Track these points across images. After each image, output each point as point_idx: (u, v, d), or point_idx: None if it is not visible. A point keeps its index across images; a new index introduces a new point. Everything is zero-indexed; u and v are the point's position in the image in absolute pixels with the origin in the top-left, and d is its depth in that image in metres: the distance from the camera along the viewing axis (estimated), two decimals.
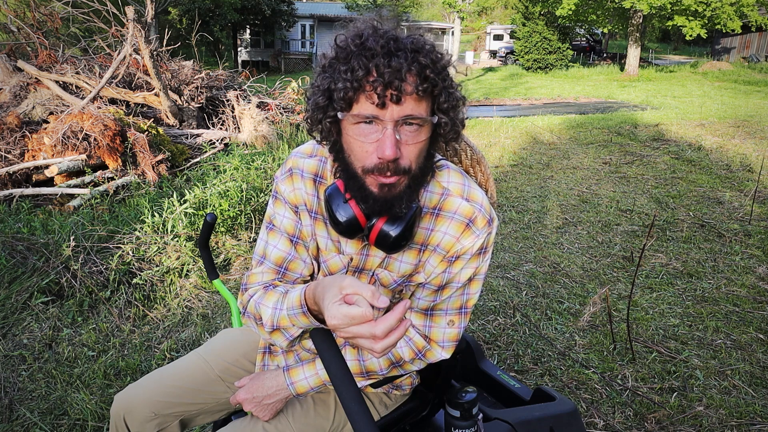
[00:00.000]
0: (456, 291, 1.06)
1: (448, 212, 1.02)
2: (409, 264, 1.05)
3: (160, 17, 20.13)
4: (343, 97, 0.86)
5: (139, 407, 1.16)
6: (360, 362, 1.09)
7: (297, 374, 1.09)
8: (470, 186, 1.04)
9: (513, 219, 4.30)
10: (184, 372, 1.22)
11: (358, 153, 0.90)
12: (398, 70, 0.83)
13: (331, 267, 1.09)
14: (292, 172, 1.08)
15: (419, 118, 0.87)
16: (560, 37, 22.05)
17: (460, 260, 1.03)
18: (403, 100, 0.85)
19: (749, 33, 22.87)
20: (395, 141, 0.86)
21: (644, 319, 2.76)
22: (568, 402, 1.26)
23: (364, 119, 0.87)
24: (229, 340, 1.31)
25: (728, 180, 5.28)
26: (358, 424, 0.77)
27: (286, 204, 1.08)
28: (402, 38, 0.88)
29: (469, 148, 1.19)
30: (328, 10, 30.12)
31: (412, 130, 0.88)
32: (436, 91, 0.89)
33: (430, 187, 1.03)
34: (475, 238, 1.02)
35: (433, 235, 1.03)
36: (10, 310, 2.74)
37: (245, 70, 9.39)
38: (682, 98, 12.38)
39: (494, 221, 1.04)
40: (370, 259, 1.06)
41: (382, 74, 0.83)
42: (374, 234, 0.95)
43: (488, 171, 1.20)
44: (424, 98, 0.88)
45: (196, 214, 3.57)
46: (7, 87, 5.93)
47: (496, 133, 7.96)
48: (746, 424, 2.01)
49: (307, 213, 1.07)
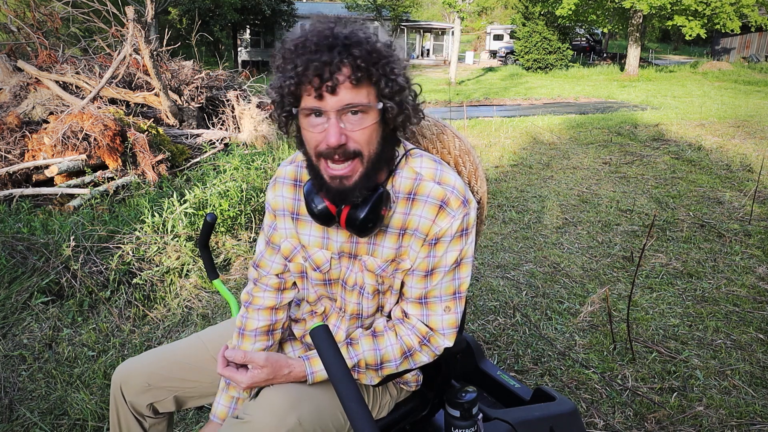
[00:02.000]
0: (445, 276, 1.10)
1: (421, 196, 1.07)
2: (391, 249, 1.10)
3: (160, 17, 20.12)
4: (290, 93, 0.95)
5: (134, 378, 1.24)
6: (376, 351, 1.12)
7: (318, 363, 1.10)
8: (442, 170, 1.09)
9: (513, 219, 4.30)
10: (181, 350, 1.30)
11: (310, 143, 0.99)
12: (329, 62, 0.91)
13: (316, 261, 1.16)
14: (276, 180, 1.19)
15: (360, 105, 0.94)
16: (560, 37, 22.05)
17: (441, 243, 1.07)
18: (337, 90, 0.92)
19: (749, 33, 22.88)
20: (339, 129, 0.94)
21: (644, 319, 2.76)
22: (568, 402, 1.26)
23: (312, 111, 0.95)
24: (229, 327, 1.36)
25: (728, 180, 5.29)
26: (358, 423, 0.77)
27: (268, 209, 1.21)
28: (339, 34, 0.94)
29: (458, 139, 1.23)
30: (328, 10, 30.14)
31: (356, 118, 0.96)
32: (374, 79, 0.95)
33: (405, 173, 1.09)
34: (452, 219, 1.06)
35: (409, 219, 1.08)
36: (10, 310, 2.74)
37: (245, 70, 9.39)
38: (682, 98, 12.39)
39: (470, 202, 1.08)
40: (359, 246, 1.12)
41: (316, 69, 0.91)
42: (343, 218, 1.03)
43: (477, 161, 1.23)
44: (362, 87, 0.94)
45: (196, 214, 3.57)
46: (7, 87, 5.93)
47: (496, 133, 7.96)
48: (746, 424, 2.01)
49: (289, 216, 1.17)
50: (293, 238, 1.17)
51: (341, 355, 0.85)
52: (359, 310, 1.16)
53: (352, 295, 1.15)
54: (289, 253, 1.18)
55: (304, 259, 1.17)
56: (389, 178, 1.08)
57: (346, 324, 1.19)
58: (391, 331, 1.13)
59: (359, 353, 1.11)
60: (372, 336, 1.13)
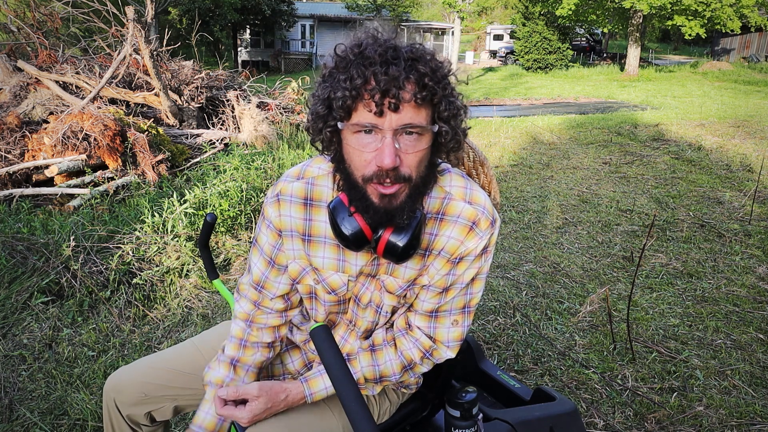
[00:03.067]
0: (459, 292, 1.07)
1: (451, 216, 1.02)
2: (414, 270, 1.05)
3: (160, 17, 20.12)
4: (342, 106, 0.86)
5: (128, 389, 1.19)
6: (375, 368, 1.10)
7: (317, 384, 1.08)
8: (472, 189, 1.04)
9: (513, 219, 4.30)
10: (175, 357, 1.26)
11: (357, 162, 0.90)
12: (396, 78, 0.83)
13: (332, 284, 1.08)
14: (280, 198, 1.07)
15: (419, 127, 0.87)
16: (560, 37, 22.05)
17: (464, 262, 1.04)
18: (401, 108, 0.85)
19: (749, 33, 22.87)
20: (394, 149, 0.86)
21: (644, 319, 2.76)
22: (568, 402, 1.26)
23: (363, 128, 0.87)
24: (224, 332, 1.32)
25: (728, 180, 5.29)
26: (359, 424, 0.77)
27: (270, 227, 1.09)
28: (401, 47, 0.87)
29: (472, 150, 1.20)
30: (328, 10, 30.13)
31: (411, 139, 0.88)
32: (436, 100, 0.89)
33: (433, 192, 1.02)
34: (479, 240, 1.02)
35: (437, 240, 1.03)
36: (10, 310, 2.74)
37: (245, 70, 9.39)
38: (682, 98, 12.38)
39: (497, 222, 1.05)
40: (380, 267, 1.06)
41: (379, 82, 0.83)
42: (382, 245, 0.95)
43: (491, 173, 1.20)
44: (423, 106, 0.87)
45: (196, 214, 3.57)
46: (7, 87, 5.93)
47: (496, 133, 7.96)
48: (746, 424, 2.01)
49: (299, 237, 1.07)
50: (302, 259, 1.09)
51: (341, 356, 0.85)
52: (373, 327, 1.14)
53: (366, 312, 1.12)
54: (298, 275, 1.10)
55: (316, 282, 1.09)
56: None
57: (355, 338, 1.16)
58: (389, 345, 1.11)
59: (357, 371, 1.09)
60: (370, 351, 1.11)
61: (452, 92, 0.91)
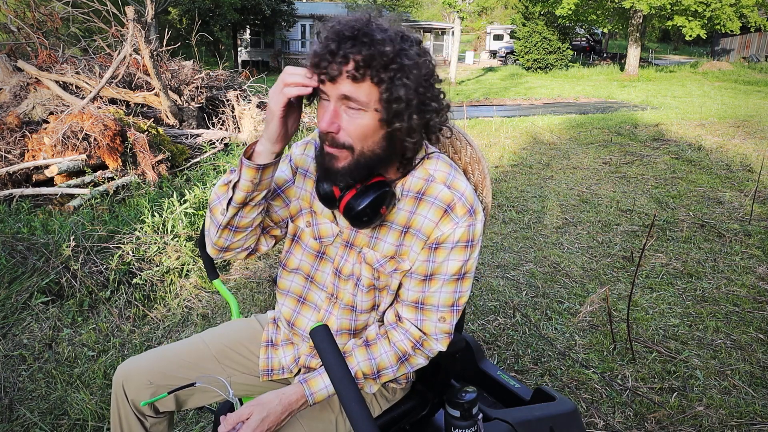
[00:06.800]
0: (445, 286, 1.09)
1: (429, 197, 1.07)
2: (392, 244, 1.10)
3: (160, 17, 20.12)
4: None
5: (136, 375, 1.23)
6: (371, 361, 1.11)
7: (317, 384, 1.09)
8: (455, 176, 1.08)
9: (513, 219, 4.30)
10: (182, 349, 1.29)
11: (318, 121, 1.00)
12: (334, 52, 0.91)
13: (321, 231, 1.16)
14: (308, 141, 1.21)
15: (356, 101, 0.94)
16: (560, 37, 22.05)
17: (441, 248, 1.06)
18: (337, 80, 0.93)
19: (749, 33, 22.88)
20: (332, 116, 0.96)
21: (644, 319, 2.76)
22: (568, 402, 1.26)
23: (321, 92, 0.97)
24: (229, 328, 1.36)
25: (728, 180, 5.29)
26: (359, 424, 0.77)
27: (290, 161, 1.20)
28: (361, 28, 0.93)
29: (470, 147, 1.22)
30: (328, 10, 30.12)
31: (352, 112, 0.96)
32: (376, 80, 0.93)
33: (418, 173, 1.08)
34: (454, 225, 1.05)
35: (414, 218, 1.08)
36: (10, 310, 2.74)
37: (245, 70, 9.39)
38: (682, 98, 12.39)
39: (477, 213, 1.07)
40: (359, 237, 1.12)
41: (324, 54, 0.92)
42: (342, 204, 1.03)
43: (486, 171, 1.22)
44: (363, 84, 0.93)
45: (196, 214, 3.57)
46: (7, 87, 5.93)
47: (496, 133, 7.96)
48: (746, 424, 2.01)
49: (311, 178, 1.17)
50: (305, 200, 1.17)
51: (341, 355, 0.85)
52: (354, 302, 1.16)
53: (347, 285, 1.15)
54: (296, 213, 1.19)
55: (307, 224, 1.17)
56: (402, 179, 1.08)
57: (339, 311, 1.17)
58: (383, 338, 1.13)
59: (354, 365, 1.10)
60: (365, 346, 1.13)
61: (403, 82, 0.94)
